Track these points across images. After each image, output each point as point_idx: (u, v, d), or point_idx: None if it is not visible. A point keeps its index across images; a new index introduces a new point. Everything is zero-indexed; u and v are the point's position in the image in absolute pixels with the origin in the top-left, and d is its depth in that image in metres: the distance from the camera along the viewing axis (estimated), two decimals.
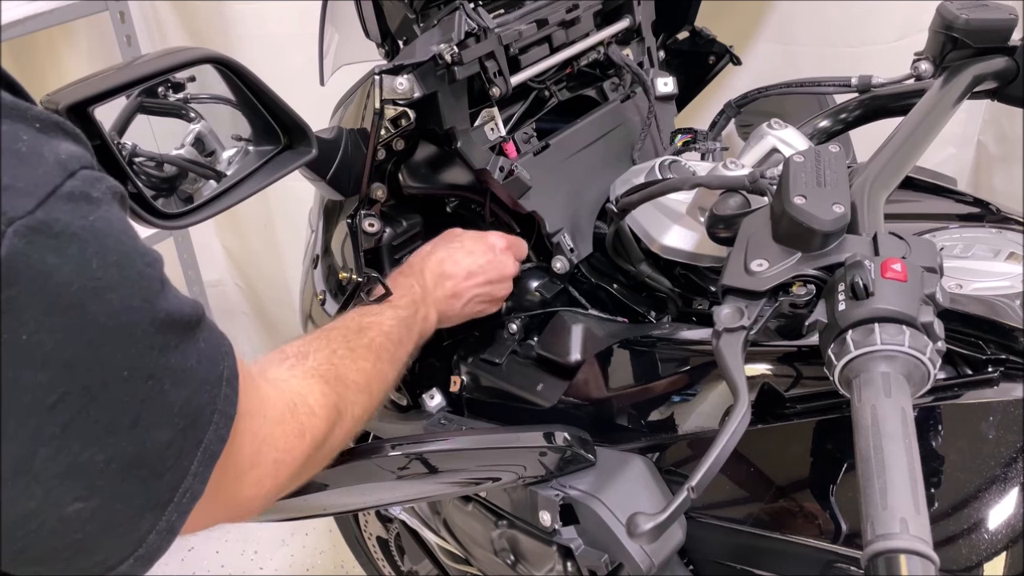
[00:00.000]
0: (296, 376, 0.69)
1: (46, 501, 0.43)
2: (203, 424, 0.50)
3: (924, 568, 0.48)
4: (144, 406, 0.46)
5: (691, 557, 0.86)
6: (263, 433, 0.58)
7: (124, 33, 1.82)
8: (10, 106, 0.44)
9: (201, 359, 0.50)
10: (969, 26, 0.91)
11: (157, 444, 0.47)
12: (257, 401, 0.58)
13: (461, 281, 0.93)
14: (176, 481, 0.48)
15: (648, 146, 1.09)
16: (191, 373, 0.49)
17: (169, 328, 0.47)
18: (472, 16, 0.89)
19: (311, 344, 0.74)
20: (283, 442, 0.61)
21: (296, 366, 0.70)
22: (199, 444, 0.49)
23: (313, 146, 0.83)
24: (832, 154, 0.72)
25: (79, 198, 0.43)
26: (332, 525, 1.85)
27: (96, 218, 0.44)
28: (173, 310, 0.48)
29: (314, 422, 0.65)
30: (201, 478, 0.50)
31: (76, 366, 0.42)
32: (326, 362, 0.73)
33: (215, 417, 0.50)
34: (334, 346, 0.76)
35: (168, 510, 0.48)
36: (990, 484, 0.69)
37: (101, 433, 0.44)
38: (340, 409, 0.70)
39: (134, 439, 0.45)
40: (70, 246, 0.42)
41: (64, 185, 0.43)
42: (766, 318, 0.67)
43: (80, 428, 0.43)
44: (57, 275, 0.41)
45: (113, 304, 0.44)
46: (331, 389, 0.70)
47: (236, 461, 0.55)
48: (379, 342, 0.81)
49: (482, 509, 0.98)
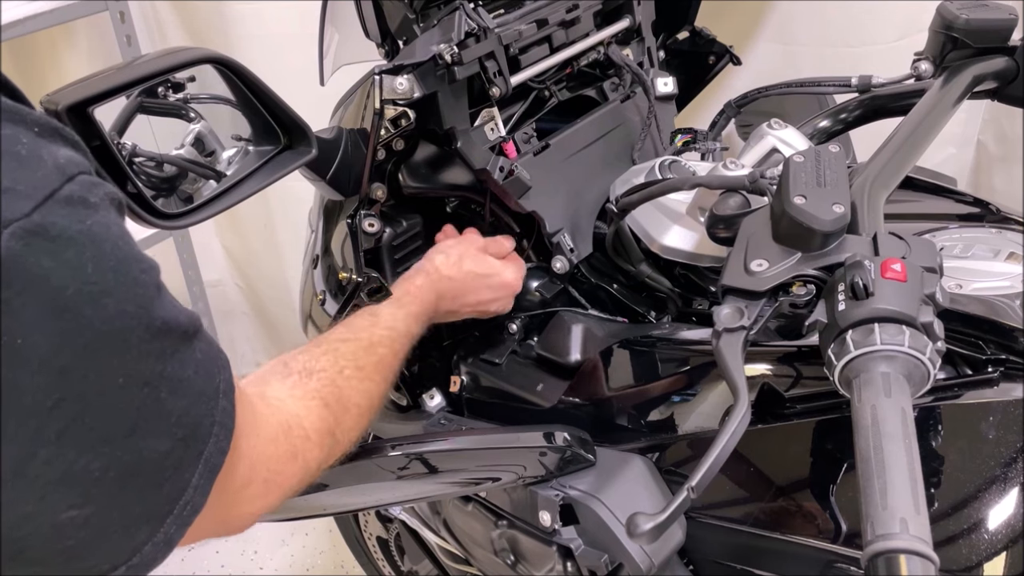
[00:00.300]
0: (295, 396, 0.68)
1: (41, 506, 0.43)
2: (203, 436, 0.49)
3: (924, 568, 0.48)
4: (140, 414, 0.45)
5: (691, 557, 0.86)
6: (256, 451, 0.58)
7: (124, 33, 1.82)
8: (10, 110, 0.43)
9: (198, 370, 0.49)
10: (969, 26, 0.91)
11: (155, 454, 0.46)
12: (251, 418, 0.57)
13: (465, 306, 0.96)
14: (176, 493, 0.48)
15: (648, 146, 1.09)
16: (188, 383, 0.48)
17: (165, 336, 0.47)
18: (472, 16, 0.89)
19: (318, 360, 0.73)
20: (275, 463, 0.60)
21: (298, 385, 0.69)
22: (200, 456, 0.49)
23: (313, 146, 0.83)
24: (832, 154, 0.72)
25: (77, 202, 0.43)
26: (332, 525, 1.85)
27: (93, 223, 0.43)
28: (169, 318, 0.47)
29: (307, 446, 0.64)
30: (202, 491, 0.49)
31: (71, 372, 0.42)
32: (330, 383, 0.72)
33: (215, 429, 0.50)
34: (342, 364, 0.75)
35: (167, 522, 0.47)
36: (990, 484, 0.69)
37: (96, 441, 0.43)
38: (337, 436, 0.69)
39: (131, 448, 0.45)
40: (67, 250, 0.42)
41: (62, 189, 0.42)
42: (766, 318, 0.67)
43: (75, 435, 0.42)
44: (53, 278, 0.41)
45: (108, 309, 0.43)
46: (330, 414, 0.69)
47: (232, 477, 0.54)
48: (387, 361, 0.81)
49: (482, 509, 0.98)
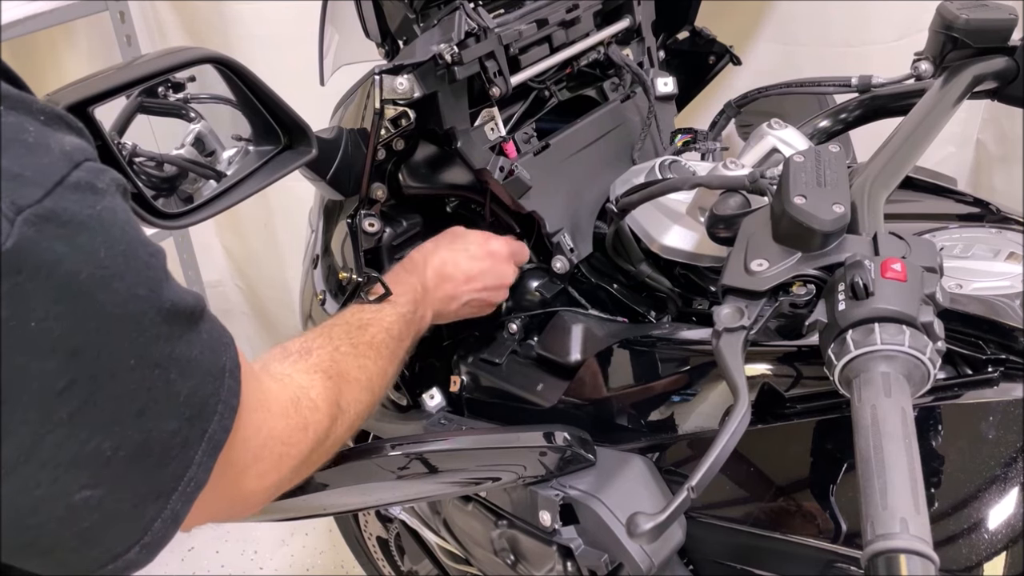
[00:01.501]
0: (299, 371, 0.69)
1: (53, 489, 0.43)
2: (208, 414, 0.50)
3: (924, 568, 0.48)
4: (151, 395, 0.46)
5: (691, 557, 0.86)
6: (267, 426, 0.59)
7: (124, 33, 1.82)
8: (15, 98, 0.44)
9: (204, 350, 0.50)
10: (969, 26, 0.91)
11: (163, 433, 0.47)
12: (260, 395, 0.58)
13: (460, 284, 0.93)
14: (181, 470, 0.49)
15: (648, 146, 1.09)
16: (196, 363, 0.49)
17: (174, 318, 0.48)
18: (472, 16, 0.89)
19: (313, 340, 0.75)
20: (287, 435, 0.61)
21: (298, 361, 0.71)
22: (204, 434, 0.50)
23: (313, 146, 0.83)
24: (832, 154, 0.72)
25: (85, 188, 0.44)
26: (332, 525, 1.85)
27: (102, 208, 0.44)
28: (177, 300, 0.48)
29: (317, 416, 0.66)
30: (205, 467, 0.50)
31: (83, 354, 0.42)
32: (328, 358, 0.73)
33: (219, 407, 0.51)
34: (336, 342, 0.76)
35: (173, 498, 0.49)
36: (990, 484, 0.69)
37: (108, 421, 0.44)
38: (342, 405, 0.71)
39: (140, 428, 0.46)
40: (79, 235, 0.42)
41: (71, 175, 0.43)
42: (766, 318, 0.67)
43: (87, 416, 0.43)
44: (66, 263, 0.41)
45: (120, 293, 0.44)
46: (333, 384, 0.70)
47: (241, 454, 0.55)
48: (380, 338, 0.82)
49: (482, 509, 0.98)
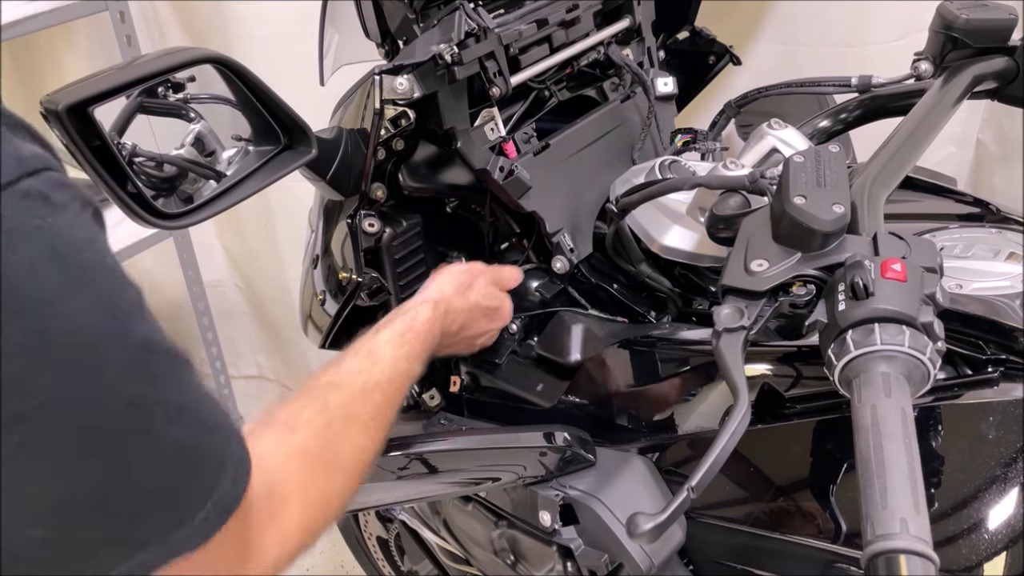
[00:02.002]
0: (279, 454, 0.60)
1: (9, 519, 0.40)
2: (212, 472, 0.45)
3: (924, 568, 0.48)
4: (122, 439, 0.42)
5: (691, 557, 0.86)
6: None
7: (124, 33, 1.82)
8: None
9: (204, 401, 0.46)
10: (969, 26, 0.91)
11: (140, 485, 0.42)
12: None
13: (461, 341, 0.94)
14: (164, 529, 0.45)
15: (648, 146, 1.09)
16: (189, 411, 0.45)
17: (150, 354, 0.43)
18: (472, 16, 0.89)
19: (304, 410, 0.65)
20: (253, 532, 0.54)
21: (282, 439, 0.61)
22: (210, 492, 0.45)
23: (313, 146, 0.83)
24: (832, 154, 0.72)
25: (35, 197, 0.40)
26: (332, 525, 1.84)
27: (55, 223, 0.40)
28: (154, 338, 0.44)
29: (287, 510, 0.58)
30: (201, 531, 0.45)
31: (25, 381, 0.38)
32: (315, 441, 0.63)
33: (228, 465, 0.46)
34: (330, 416, 0.67)
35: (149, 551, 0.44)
36: (990, 484, 0.69)
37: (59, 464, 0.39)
38: (322, 499, 0.63)
39: (110, 474, 0.41)
40: (20, 245, 0.38)
41: (20, 182, 0.39)
42: (766, 318, 0.67)
43: (34, 454, 0.39)
44: (5, 275, 0.37)
45: (72, 319, 0.39)
46: (312, 475, 0.62)
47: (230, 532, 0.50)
48: (383, 409, 0.73)
49: (482, 509, 0.98)
